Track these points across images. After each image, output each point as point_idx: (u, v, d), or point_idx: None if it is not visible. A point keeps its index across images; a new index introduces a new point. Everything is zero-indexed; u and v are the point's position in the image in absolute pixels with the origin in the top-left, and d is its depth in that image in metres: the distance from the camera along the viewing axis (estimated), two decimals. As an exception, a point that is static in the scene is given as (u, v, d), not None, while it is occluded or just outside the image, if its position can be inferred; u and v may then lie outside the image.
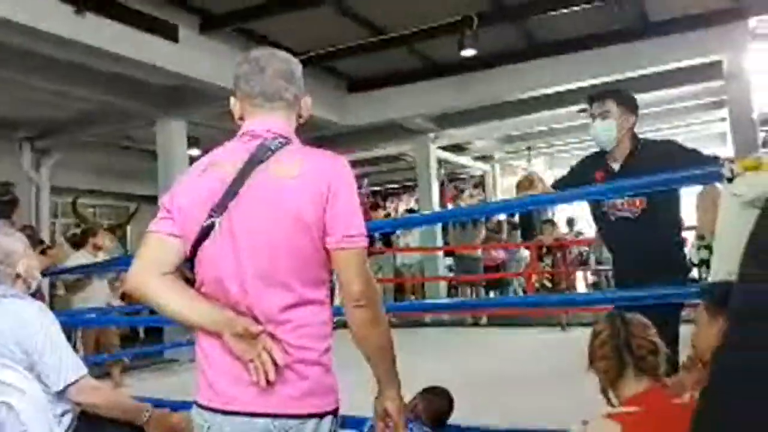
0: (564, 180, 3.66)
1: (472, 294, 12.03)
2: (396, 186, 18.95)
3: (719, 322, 1.95)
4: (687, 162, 2.92)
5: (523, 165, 16.38)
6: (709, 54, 8.73)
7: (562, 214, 13.83)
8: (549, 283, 12.56)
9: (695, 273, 7.39)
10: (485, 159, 16.86)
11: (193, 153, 10.96)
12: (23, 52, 7.08)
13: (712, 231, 2.32)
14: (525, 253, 12.78)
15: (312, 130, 10.88)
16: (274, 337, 1.66)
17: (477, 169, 17.26)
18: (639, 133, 3.47)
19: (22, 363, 2.45)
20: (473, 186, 17.62)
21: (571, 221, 13.51)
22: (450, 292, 12.82)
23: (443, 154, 14.05)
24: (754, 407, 0.63)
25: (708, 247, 6.48)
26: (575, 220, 13.48)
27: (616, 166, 3.40)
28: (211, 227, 1.69)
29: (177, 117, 9.49)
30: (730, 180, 2.29)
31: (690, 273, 4.86)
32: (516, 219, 13.65)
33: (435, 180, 12.98)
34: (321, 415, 1.69)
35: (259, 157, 1.73)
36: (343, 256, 1.70)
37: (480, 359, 7.53)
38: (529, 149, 15.86)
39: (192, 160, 10.30)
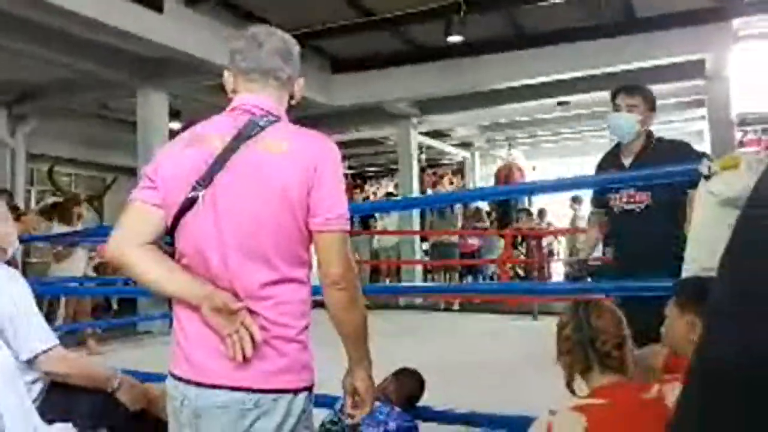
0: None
1: (446, 279, 12.10)
2: (377, 169, 18.94)
3: (689, 316, 1.98)
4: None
5: (503, 154, 16.42)
6: (693, 52, 8.79)
7: (536, 204, 13.89)
8: (522, 272, 12.67)
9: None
10: (466, 146, 16.87)
11: (174, 126, 10.86)
12: (2, 14, 6.94)
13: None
14: (501, 242, 12.87)
15: (295, 109, 10.77)
16: (253, 313, 1.66)
17: (457, 156, 17.27)
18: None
19: (-7, 329, 2.43)
20: (452, 173, 17.65)
21: (542, 212, 13.59)
22: (425, 277, 12.88)
23: (425, 139, 14.05)
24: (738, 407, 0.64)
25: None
26: (546, 211, 13.56)
27: (627, 161, 3.51)
28: (195, 199, 1.68)
29: (158, 88, 9.38)
30: (707, 178, 2.33)
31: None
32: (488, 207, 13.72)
33: (415, 165, 12.98)
34: (296, 391, 1.70)
35: (248, 133, 1.72)
36: (325, 237, 1.71)
37: (451, 344, 7.59)
38: (509, 139, 15.90)
39: (172, 132, 10.24)
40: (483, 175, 17.39)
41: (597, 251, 10.32)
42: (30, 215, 8.15)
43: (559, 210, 13.59)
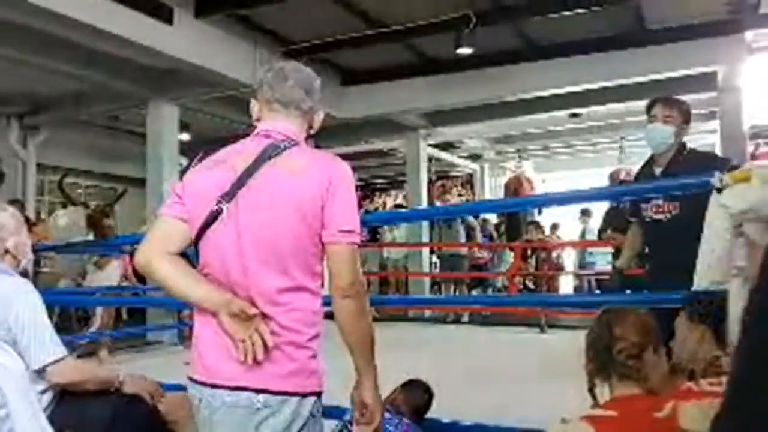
0: None
1: (455, 292, 12.08)
2: (385, 181, 18.96)
3: (700, 329, 1.97)
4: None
5: (513, 166, 16.40)
6: (705, 65, 8.76)
7: (547, 218, 13.83)
8: (532, 285, 12.63)
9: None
10: (475, 158, 16.87)
11: (184, 137, 10.92)
12: (16, 26, 7.00)
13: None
14: (511, 255, 12.82)
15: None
16: (267, 316, 1.79)
17: (466, 168, 17.26)
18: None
19: (4, 338, 2.44)
20: (461, 185, 17.64)
21: (555, 226, 13.55)
22: (433, 288, 12.84)
23: (433, 151, 14.05)
24: None
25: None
26: (558, 225, 13.53)
27: (658, 170, 3.57)
28: (219, 213, 1.83)
29: (168, 100, 9.42)
30: (719, 191, 2.31)
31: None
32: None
33: (424, 177, 12.98)
34: (303, 395, 1.81)
35: (268, 154, 1.87)
36: (337, 249, 1.83)
37: (460, 356, 7.55)
38: (519, 151, 15.88)
39: (182, 144, 10.30)
40: (492, 187, 17.39)
41: (608, 265, 10.32)
42: (40, 225, 8.21)
43: (569, 223, 13.56)
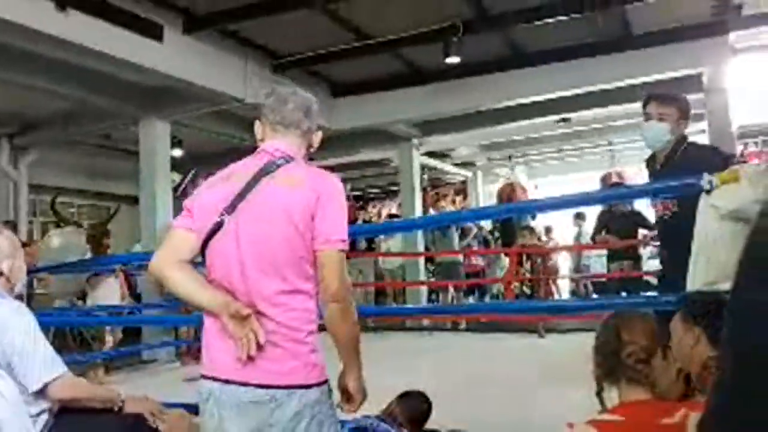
0: None
1: (452, 299, 12.06)
2: (379, 191, 18.98)
3: (695, 331, 1.97)
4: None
5: (505, 173, 16.43)
6: (690, 67, 8.81)
7: (541, 221, 13.87)
8: (528, 290, 12.61)
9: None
10: (467, 166, 16.90)
11: (176, 154, 10.89)
12: (3, 47, 6.99)
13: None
14: (506, 261, 12.83)
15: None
16: (267, 316, 1.98)
17: (459, 176, 17.30)
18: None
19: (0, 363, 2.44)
20: (455, 192, 17.67)
21: (549, 229, 13.57)
22: (430, 296, 12.82)
23: (426, 160, 14.07)
24: None
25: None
26: (552, 228, 13.56)
27: (658, 166, 3.53)
28: (221, 224, 2.05)
29: (160, 117, 9.41)
30: (708, 192, 2.33)
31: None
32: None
33: (418, 186, 12.99)
34: (307, 386, 1.99)
35: (266, 170, 2.09)
36: (325, 256, 2.02)
37: (459, 364, 7.55)
38: (511, 157, 15.93)
39: (174, 161, 10.29)
40: (486, 194, 17.41)
41: (603, 268, 10.33)
42: (33, 246, 8.18)
43: (563, 227, 13.60)
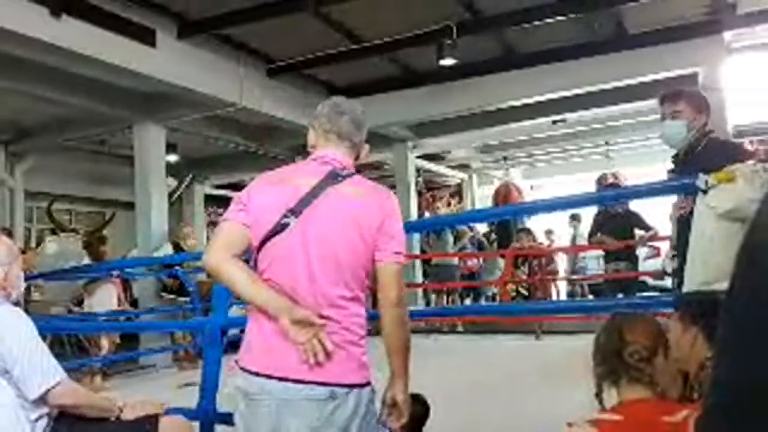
0: None
1: (448, 301, 12.05)
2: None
3: (692, 331, 1.96)
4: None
5: (501, 174, 16.44)
6: (685, 66, 8.83)
7: (540, 223, 13.86)
8: (525, 291, 12.61)
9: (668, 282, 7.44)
10: (463, 168, 16.91)
11: (171, 159, 10.88)
12: (-2, 55, 7.00)
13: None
14: (502, 262, 12.81)
15: (293, 137, 10.84)
16: (333, 319, 2.05)
17: (454, 178, 17.30)
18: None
19: (-4, 369, 2.43)
20: (451, 194, 17.67)
21: (550, 231, 13.58)
22: (426, 299, 12.78)
23: (422, 162, 14.07)
24: None
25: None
26: (553, 230, 13.57)
27: (678, 163, 3.45)
28: (286, 225, 2.07)
29: (155, 122, 9.41)
30: (704, 192, 2.32)
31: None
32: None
33: (413, 188, 12.98)
34: (362, 386, 2.09)
35: (331, 179, 2.15)
36: (390, 267, 2.14)
37: (457, 366, 7.53)
38: (506, 159, 15.93)
39: (169, 166, 10.28)
40: (481, 196, 17.41)
41: (600, 269, 10.35)
42: (29, 253, 8.16)
43: (558, 229, 13.60)
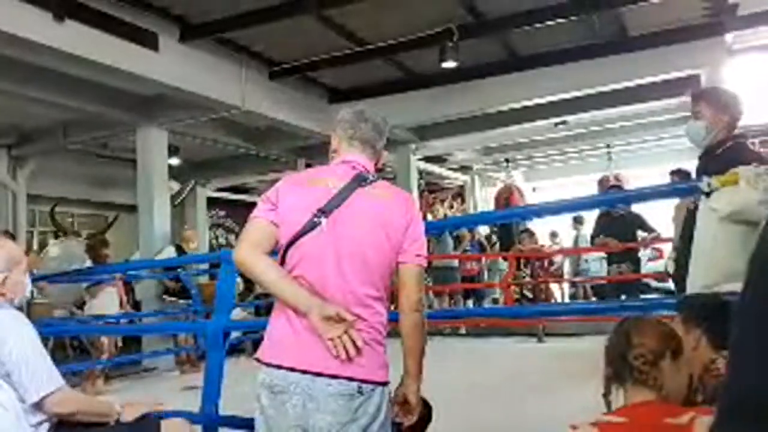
0: None
1: (450, 304, 12.05)
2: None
3: (695, 333, 1.96)
4: None
5: (503, 176, 16.41)
6: (687, 68, 8.81)
7: (543, 226, 13.84)
8: (529, 294, 12.60)
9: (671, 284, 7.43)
10: (465, 170, 16.89)
11: (173, 162, 10.89)
12: (1, 58, 7.00)
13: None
14: (505, 264, 12.81)
15: (294, 139, 10.85)
16: (362, 318, 2.09)
17: (457, 180, 17.28)
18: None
19: (-1, 373, 2.43)
20: (453, 197, 17.65)
21: (555, 233, 13.58)
22: (428, 302, 12.77)
23: (424, 164, 14.05)
24: None
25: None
26: (557, 232, 13.57)
27: (701, 163, 3.40)
28: (317, 225, 2.11)
29: (157, 125, 9.42)
30: (707, 195, 2.32)
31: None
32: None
33: (415, 190, 12.97)
34: (384, 383, 2.14)
35: (359, 182, 2.20)
36: (412, 269, 2.20)
37: (460, 368, 7.51)
38: (508, 161, 15.91)
39: (172, 169, 10.29)
40: (483, 198, 17.39)
41: (602, 271, 10.33)
42: (31, 256, 8.18)
43: (561, 231, 13.60)
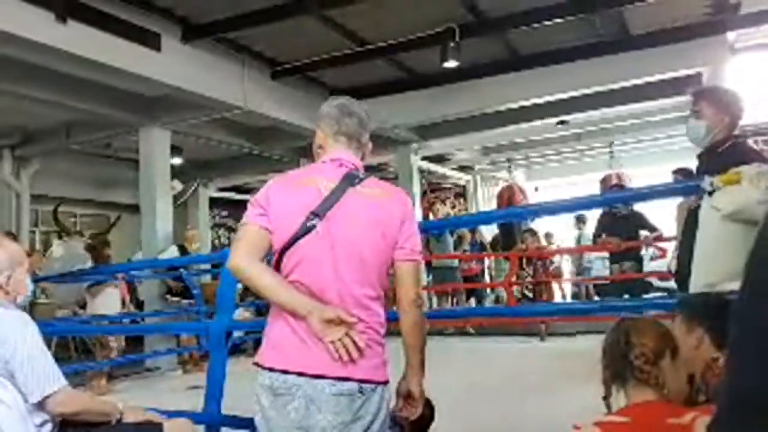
0: None
1: (451, 303, 12.05)
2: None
3: (697, 332, 1.96)
4: None
5: (505, 176, 16.41)
6: (689, 67, 8.80)
7: (541, 226, 13.85)
8: (530, 293, 12.60)
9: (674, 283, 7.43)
10: (466, 169, 16.89)
11: (176, 161, 10.90)
12: (4, 59, 7.02)
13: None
14: (507, 264, 12.81)
15: (295, 139, 10.86)
16: (361, 320, 2.08)
17: (459, 180, 17.28)
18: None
19: (1, 373, 2.44)
20: (454, 196, 17.65)
21: (549, 235, 13.58)
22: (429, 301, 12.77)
23: (425, 164, 14.05)
24: None
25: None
26: (552, 234, 13.58)
27: (701, 162, 3.37)
28: (312, 227, 2.08)
29: (159, 125, 9.43)
30: (710, 194, 2.32)
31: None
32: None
33: (417, 190, 12.97)
34: (384, 383, 2.15)
35: (350, 181, 2.17)
36: (409, 265, 2.20)
37: (462, 368, 7.52)
38: (510, 160, 15.91)
39: (174, 169, 10.29)
40: (485, 198, 17.39)
41: (605, 270, 10.33)
42: (34, 256, 8.20)
43: (563, 230, 13.60)
